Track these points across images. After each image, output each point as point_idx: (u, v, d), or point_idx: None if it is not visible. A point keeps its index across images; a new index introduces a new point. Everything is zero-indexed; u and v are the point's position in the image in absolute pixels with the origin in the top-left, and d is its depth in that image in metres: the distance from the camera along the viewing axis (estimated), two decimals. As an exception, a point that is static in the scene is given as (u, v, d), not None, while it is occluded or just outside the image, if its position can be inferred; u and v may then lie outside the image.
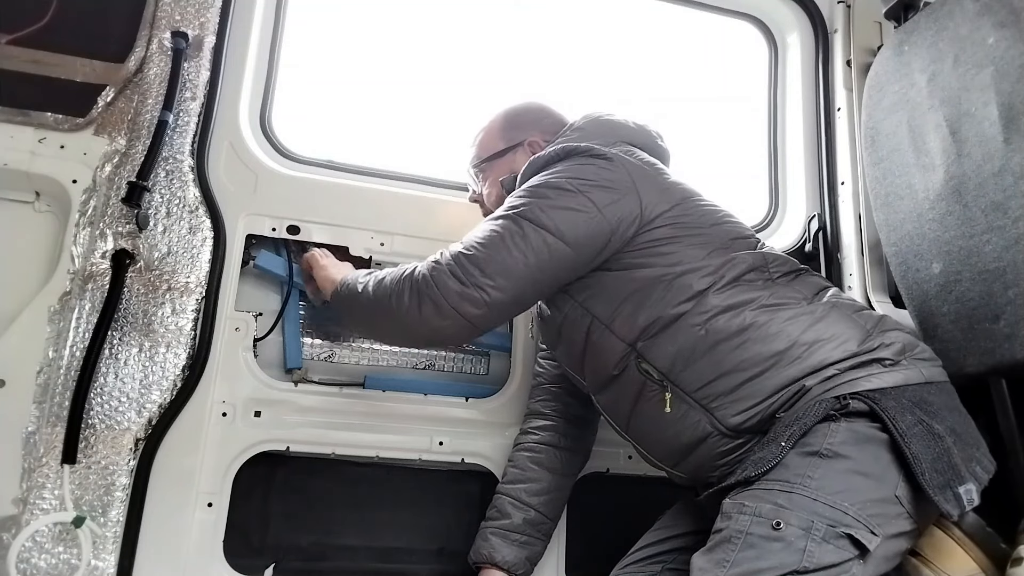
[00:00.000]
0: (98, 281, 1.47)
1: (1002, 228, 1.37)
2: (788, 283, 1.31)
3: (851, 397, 1.13)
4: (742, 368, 1.20)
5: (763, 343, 1.20)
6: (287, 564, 1.62)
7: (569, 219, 1.27)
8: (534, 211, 1.28)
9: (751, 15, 2.20)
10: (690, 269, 1.28)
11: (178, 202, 1.57)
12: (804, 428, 1.11)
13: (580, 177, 1.31)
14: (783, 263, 1.35)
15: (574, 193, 1.29)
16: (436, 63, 2.08)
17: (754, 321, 1.22)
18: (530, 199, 1.30)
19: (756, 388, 1.19)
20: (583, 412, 1.63)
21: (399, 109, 2.03)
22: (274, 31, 1.80)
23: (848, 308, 1.28)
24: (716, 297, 1.25)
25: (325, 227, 1.70)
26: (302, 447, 1.62)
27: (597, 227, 1.28)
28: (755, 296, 1.25)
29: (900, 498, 1.09)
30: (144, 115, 1.56)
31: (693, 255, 1.29)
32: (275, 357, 1.68)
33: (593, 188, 1.29)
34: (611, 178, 1.31)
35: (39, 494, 1.37)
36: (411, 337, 1.46)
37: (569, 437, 1.62)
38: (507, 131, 1.60)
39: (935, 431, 1.11)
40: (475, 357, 1.85)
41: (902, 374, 1.17)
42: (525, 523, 1.53)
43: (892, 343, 1.21)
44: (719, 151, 2.25)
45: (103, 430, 1.43)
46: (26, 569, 1.35)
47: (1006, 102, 1.37)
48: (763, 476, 1.09)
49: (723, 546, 1.04)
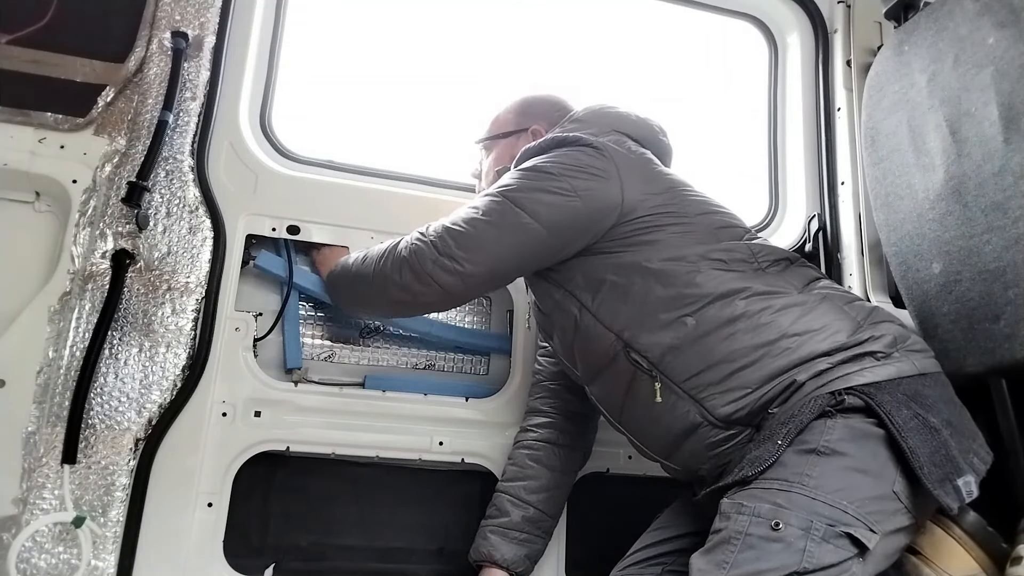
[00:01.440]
0: (98, 281, 1.47)
1: (1002, 228, 1.37)
2: (778, 273, 1.32)
3: (846, 392, 1.13)
4: (731, 359, 1.20)
5: (753, 333, 1.20)
6: (287, 564, 1.62)
7: (546, 202, 1.31)
8: (514, 192, 1.33)
9: (751, 15, 2.20)
10: (674, 257, 1.28)
11: (178, 202, 1.57)
12: (800, 425, 1.10)
13: (563, 163, 1.34)
14: (771, 252, 1.36)
15: (555, 177, 1.33)
16: (436, 62, 2.08)
17: (745, 311, 1.22)
18: (513, 181, 1.36)
19: (745, 379, 1.19)
20: (582, 409, 1.63)
21: (399, 109, 2.03)
22: (274, 31, 1.80)
23: (839, 299, 1.28)
24: (704, 286, 1.25)
25: (325, 227, 1.70)
26: (302, 447, 1.62)
27: (574, 212, 1.31)
28: (745, 286, 1.26)
29: (898, 493, 1.09)
30: (144, 115, 1.56)
31: (677, 243, 1.30)
32: (275, 357, 1.68)
33: (575, 173, 1.32)
34: (594, 165, 1.34)
35: (39, 494, 1.37)
36: (394, 302, 1.43)
37: (568, 434, 1.62)
38: (519, 115, 1.64)
39: (931, 424, 1.11)
40: (475, 357, 1.85)
41: (895, 367, 1.17)
42: (524, 521, 1.53)
43: (883, 335, 1.21)
44: (719, 151, 2.25)
45: (103, 430, 1.43)
46: (26, 569, 1.35)
47: (1006, 102, 1.37)
48: (760, 475, 1.09)
49: (722, 547, 1.04)
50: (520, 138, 1.60)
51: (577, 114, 1.53)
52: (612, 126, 1.47)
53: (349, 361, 1.75)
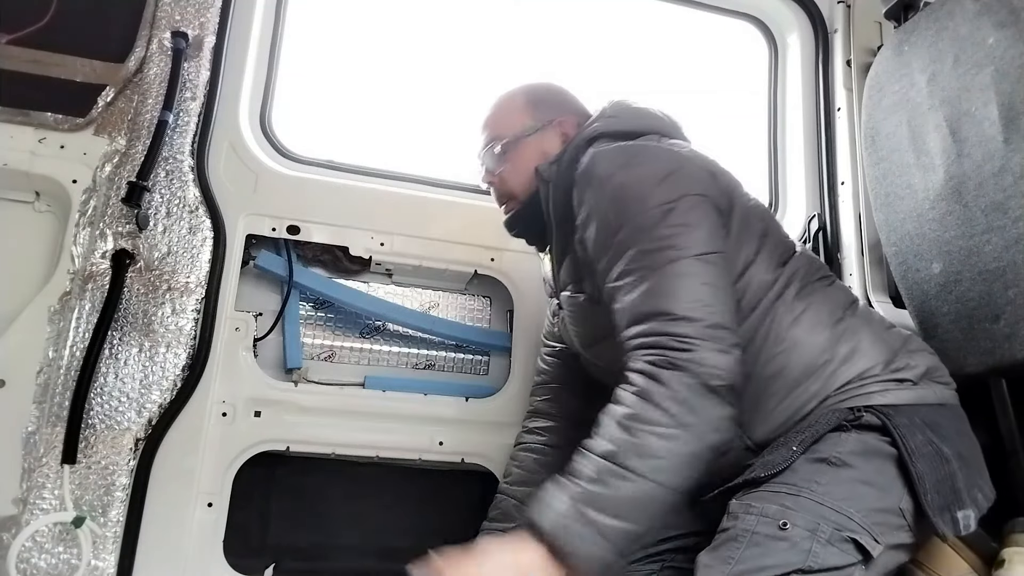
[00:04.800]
0: (98, 281, 1.47)
1: (1002, 228, 1.37)
2: (823, 290, 1.28)
3: (865, 410, 1.13)
4: (775, 392, 1.19)
5: (798, 362, 1.18)
6: (287, 564, 1.62)
7: (705, 230, 1.17)
8: (685, 243, 1.13)
9: (751, 15, 2.20)
10: (756, 278, 1.23)
11: (178, 202, 1.57)
12: (816, 435, 1.11)
13: (680, 188, 1.19)
14: (819, 268, 1.31)
15: (688, 207, 1.17)
16: (436, 62, 2.08)
17: (794, 339, 1.19)
18: (665, 233, 1.14)
19: (787, 408, 1.18)
20: (587, 412, 1.62)
21: (399, 109, 2.03)
22: (274, 31, 1.80)
23: (879, 325, 1.27)
24: (753, 307, 1.21)
25: (325, 227, 1.70)
26: (302, 447, 1.62)
27: (718, 224, 1.21)
28: (794, 310, 1.22)
29: (904, 511, 1.09)
30: (144, 115, 1.56)
31: (749, 258, 1.24)
32: (275, 357, 1.69)
33: (694, 196, 1.19)
34: (700, 180, 1.24)
35: (39, 494, 1.37)
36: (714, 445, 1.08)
37: (571, 439, 1.61)
38: (533, 110, 1.47)
39: (943, 454, 1.11)
40: (475, 357, 1.85)
41: (917, 393, 1.17)
42: None
43: (916, 365, 1.21)
44: (719, 151, 2.24)
45: (103, 430, 1.43)
46: (26, 569, 1.35)
47: (1006, 102, 1.37)
48: (771, 479, 1.09)
49: (728, 544, 1.05)
50: (546, 133, 1.44)
51: (607, 110, 1.42)
52: (651, 127, 1.39)
53: (349, 361, 1.75)
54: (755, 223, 1.28)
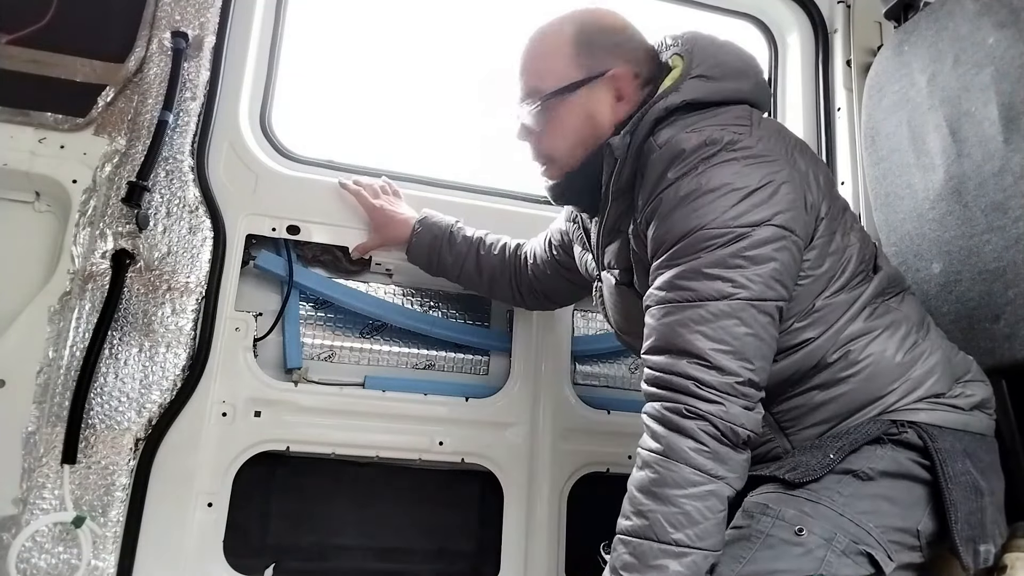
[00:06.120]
0: (98, 281, 1.47)
1: (1002, 228, 1.37)
2: (898, 307, 1.20)
3: (909, 425, 1.10)
4: (839, 413, 1.13)
5: (867, 388, 1.13)
6: (287, 564, 1.62)
7: (772, 271, 1.04)
8: (744, 282, 1.03)
9: (751, 15, 2.20)
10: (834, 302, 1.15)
11: (178, 202, 1.57)
12: (854, 445, 1.08)
13: (762, 212, 1.05)
14: (896, 281, 1.24)
15: (763, 239, 1.03)
16: (437, 62, 2.07)
17: (866, 364, 1.13)
18: (729, 261, 1.03)
19: (842, 427, 1.13)
20: (544, 300, 1.65)
21: (399, 109, 2.02)
22: (274, 31, 1.80)
23: (951, 351, 1.23)
24: (849, 325, 1.14)
25: (325, 227, 1.70)
26: (302, 447, 1.62)
27: (790, 264, 1.07)
28: (871, 326, 1.15)
29: (920, 533, 1.08)
30: (144, 115, 1.56)
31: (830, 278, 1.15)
32: (275, 357, 1.68)
33: (774, 228, 1.05)
34: (790, 205, 1.07)
35: (39, 494, 1.37)
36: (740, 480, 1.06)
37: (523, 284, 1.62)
38: (582, 55, 1.21)
39: (979, 487, 1.10)
40: (475, 357, 1.85)
41: (964, 419, 1.14)
42: (459, 238, 1.61)
43: (973, 394, 1.18)
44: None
45: (103, 430, 1.43)
46: (26, 569, 1.35)
47: (1006, 102, 1.37)
48: (801, 486, 1.06)
49: (741, 543, 1.03)
50: (596, 89, 1.21)
51: (697, 65, 1.18)
52: (738, 92, 1.18)
53: (349, 361, 1.75)
54: (839, 239, 1.16)
